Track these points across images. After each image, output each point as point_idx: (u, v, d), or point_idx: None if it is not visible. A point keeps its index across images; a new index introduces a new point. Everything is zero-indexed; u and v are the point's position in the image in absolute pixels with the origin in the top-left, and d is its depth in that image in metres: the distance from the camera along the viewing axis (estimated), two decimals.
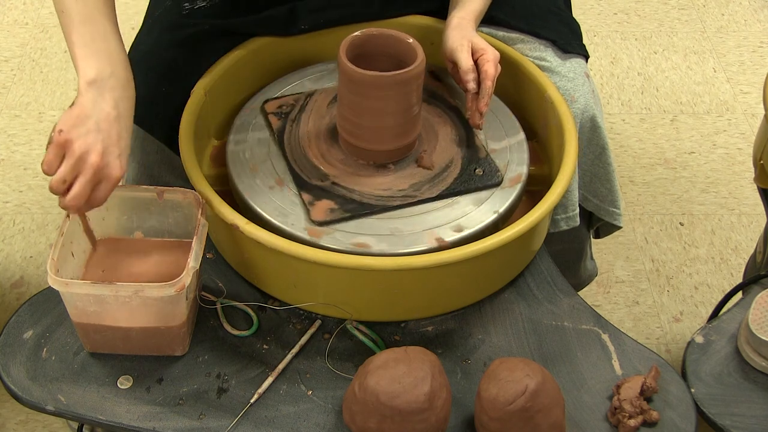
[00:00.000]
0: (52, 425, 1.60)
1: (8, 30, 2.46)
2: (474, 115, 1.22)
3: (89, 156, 1.00)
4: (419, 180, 1.20)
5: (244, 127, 1.27)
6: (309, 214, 1.15)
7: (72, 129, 1.00)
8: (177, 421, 1.08)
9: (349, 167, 1.21)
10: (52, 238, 1.82)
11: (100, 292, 1.05)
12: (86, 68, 1.03)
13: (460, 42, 1.22)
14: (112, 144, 1.01)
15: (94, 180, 1.01)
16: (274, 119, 1.27)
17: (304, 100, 1.29)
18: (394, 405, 1.00)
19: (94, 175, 1.00)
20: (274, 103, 1.29)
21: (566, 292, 1.22)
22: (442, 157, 1.23)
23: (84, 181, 1.00)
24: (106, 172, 1.01)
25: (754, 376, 1.15)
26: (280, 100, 1.30)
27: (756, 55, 2.45)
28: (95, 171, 1.00)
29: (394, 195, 1.18)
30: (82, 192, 1.01)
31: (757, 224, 1.99)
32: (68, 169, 1.00)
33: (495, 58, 1.20)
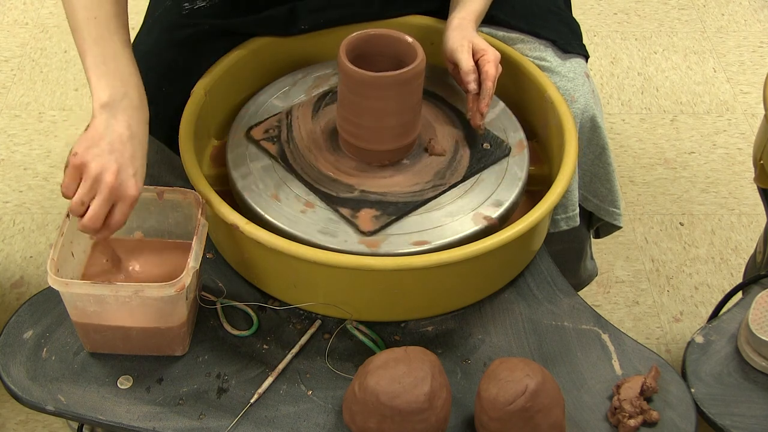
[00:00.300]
0: (52, 425, 1.60)
1: (8, 30, 2.45)
2: (475, 116, 1.22)
3: (104, 176, 1.01)
4: (439, 168, 1.22)
5: (240, 159, 1.22)
6: (357, 227, 1.14)
7: (86, 151, 1.01)
8: (177, 421, 1.08)
9: (366, 172, 1.21)
10: (52, 238, 1.82)
11: (100, 292, 1.05)
12: (99, 91, 1.05)
13: (461, 43, 1.22)
14: (126, 164, 1.02)
15: (110, 199, 1.02)
16: (268, 145, 1.23)
17: (287, 118, 1.27)
18: (394, 405, 1.00)
19: (109, 194, 1.01)
20: (258, 129, 1.25)
21: (566, 292, 1.22)
22: (448, 142, 1.25)
23: (100, 200, 1.01)
24: (121, 191, 1.02)
25: (754, 376, 1.15)
26: (264, 125, 1.26)
27: (756, 55, 2.45)
28: (111, 190, 1.01)
29: (424, 188, 1.19)
30: (99, 212, 1.01)
31: (757, 224, 1.99)
32: (85, 191, 1.01)
33: (496, 59, 1.20)
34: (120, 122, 1.04)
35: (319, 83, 1.34)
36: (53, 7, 2.52)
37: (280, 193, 1.18)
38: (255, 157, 1.22)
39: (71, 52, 2.38)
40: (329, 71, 1.36)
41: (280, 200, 1.17)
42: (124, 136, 1.03)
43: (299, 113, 1.28)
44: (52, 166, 2.06)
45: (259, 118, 1.28)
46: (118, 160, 1.02)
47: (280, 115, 1.27)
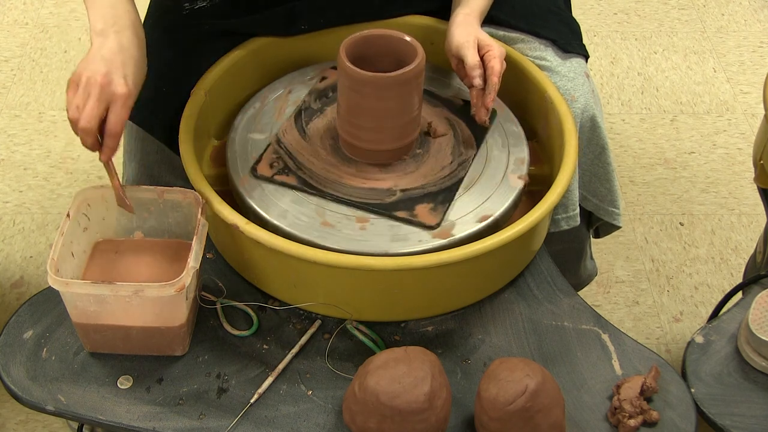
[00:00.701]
0: (52, 425, 1.60)
1: (8, 30, 2.45)
2: (480, 111, 1.22)
3: (94, 78, 1.07)
4: (452, 147, 1.24)
5: (265, 201, 1.17)
6: (422, 224, 1.14)
7: (81, 68, 1.08)
8: (177, 421, 1.08)
9: (392, 172, 1.21)
10: (52, 238, 1.82)
11: (100, 292, 1.05)
12: (94, 22, 1.13)
13: (466, 38, 1.21)
14: (115, 67, 1.08)
15: (101, 98, 1.06)
16: (284, 178, 1.19)
17: (280, 146, 1.22)
18: (394, 405, 1.00)
19: (100, 93, 1.06)
20: (262, 166, 1.20)
21: (566, 292, 1.22)
22: (444, 124, 1.27)
23: (92, 100, 1.06)
24: (111, 89, 1.07)
25: (754, 376, 1.15)
26: (264, 160, 1.21)
27: (756, 55, 2.45)
28: (101, 88, 1.06)
29: (452, 169, 1.22)
30: (92, 111, 1.06)
31: (757, 224, 1.99)
32: (79, 95, 1.07)
33: (501, 55, 1.20)
34: (112, 41, 1.10)
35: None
36: (53, 7, 2.52)
37: (328, 219, 1.15)
38: (279, 194, 1.18)
39: (71, 52, 2.38)
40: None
41: (333, 226, 1.14)
42: (115, 49, 1.09)
43: (289, 137, 1.24)
44: (52, 166, 2.06)
45: (258, 123, 1.27)
46: (108, 66, 1.08)
47: (272, 147, 1.23)
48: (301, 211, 1.16)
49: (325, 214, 1.16)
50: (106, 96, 1.07)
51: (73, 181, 2.03)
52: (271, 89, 1.34)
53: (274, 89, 1.33)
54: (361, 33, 1.18)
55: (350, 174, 1.21)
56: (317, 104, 1.30)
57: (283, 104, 1.30)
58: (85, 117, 1.06)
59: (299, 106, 1.29)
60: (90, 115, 1.06)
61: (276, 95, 1.32)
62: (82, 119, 1.06)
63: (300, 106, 1.29)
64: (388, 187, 1.19)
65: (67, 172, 2.05)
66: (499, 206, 1.18)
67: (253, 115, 1.28)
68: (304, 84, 1.34)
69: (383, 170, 1.21)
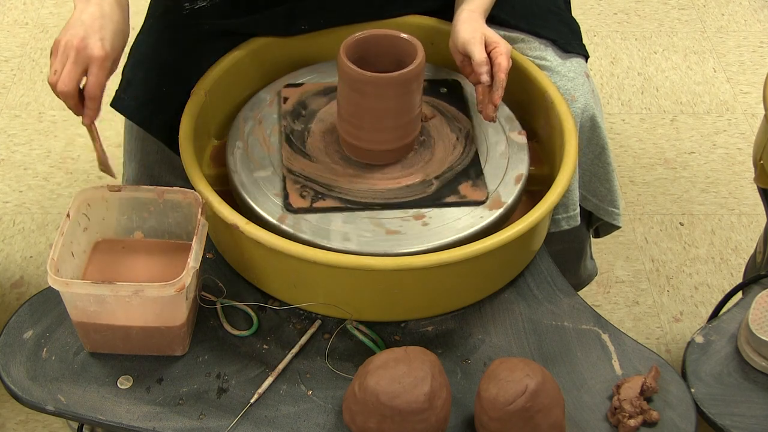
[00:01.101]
0: (52, 425, 1.60)
1: (8, 30, 2.45)
2: (487, 108, 1.21)
3: (71, 42, 1.08)
4: (449, 126, 1.27)
5: (317, 230, 1.14)
6: (475, 202, 1.18)
7: (62, 34, 1.10)
8: (177, 421, 1.08)
9: (414, 165, 1.23)
10: (52, 238, 1.82)
11: (100, 292, 1.05)
12: None
13: (473, 35, 1.21)
14: (92, 31, 1.09)
15: (77, 60, 1.08)
16: (322, 203, 1.16)
17: (296, 176, 1.19)
18: (394, 405, 1.00)
19: (76, 55, 1.08)
20: (294, 199, 1.16)
21: (566, 292, 1.22)
22: (426, 107, 1.29)
23: (69, 63, 1.08)
24: (87, 52, 1.08)
25: (754, 376, 1.15)
26: (293, 193, 1.17)
27: (756, 55, 2.45)
28: (77, 51, 1.08)
29: (464, 146, 1.25)
30: (69, 73, 1.08)
31: (757, 224, 1.99)
32: (58, 59, 1.09)
33: (508, 52, 1.20)
34: (93, 6, 1.11)
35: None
36: (53, 7, 2.52)
37: (388, 227, 1.15)
38: (327, 220, 1.15)
39: None
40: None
41: (398, 231, 1.14)
42: (95, 14, 1.10)
43: (299, 166, 1.21)
44: (52, 166, 2.06)
45: (254, 161, 1.22)
46: (85, 30, 1.09)
47: (290, 178, 1.19)
48: (360, 228, 1.14)
49: (381, 223, 1.15)
50: (82, 59, 1.08)
51: (73, 181, 2.03)
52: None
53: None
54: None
55: (377, 179, 1.20)
56: (299, 125, 1.26)
57: (264, 135, 1.26)
58: (63, 80, 1.08)
59: (283, 131, 1.25)
60: (67, 78, 1.08)
61: (249, 128, 1.26)
62: (59, 83, 1.08)
63: (284, 131, 1.25)
64: (422, 180, 1.20)
65: (67, 172, 2.05)
66: (521, 163, 1.23)
67: (244, 155, 1.23)
68: (268, 109, 1.30)
69: (404, 166, 1.22)
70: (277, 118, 1.28)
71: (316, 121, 1.27)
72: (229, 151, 1.23)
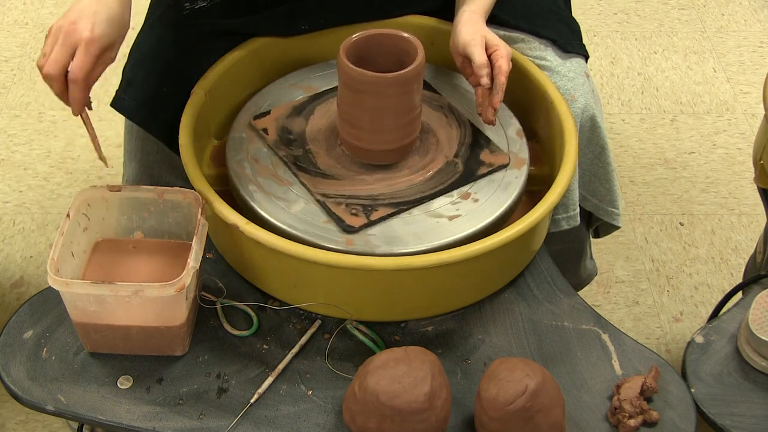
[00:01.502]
0: (52, 425, 1.60)
1: (8, 30, 2.45)
2: (487, 111, 1.21)
3: (63, 26, 1.08)
4: (443, 111, 1.29)
5: (383, 235, 1.14)
6: (502, 166, 1.22)
7: (58, 20, 1.10)
8: (177, 421, 1.08)
9: (429, 154, 1.24)
10: (52, 238, 1.82)
11: (100, 292, 1.05)
12: None
13: (473, 37, 1.21)
14: (85, 16, 1.08)
15: (65, 43, 1.07)
16: (376, 215, 1.15)
17: (332, 197, 1.17)
18: (394, 405, 1.00)
19: (64, 38, 1.07)
20: (347, 219, 1.15)
21: (566, 292, 1.22)
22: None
23: (58, 46, 1.08)
24: (75, 35, 1.07)
25: (754, 376, 1.15)
26: (341, 212, 1.16)
27: (756, 55, 2.45)
28: (65, 35, 1.07)
29: (464, 123, 1.28)
30: (55, 56, 1.07)
31: (757, 224, 1.99)
32: (48, 43, 1.09)
33: (508, 54, 1.20)
34: None
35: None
36: (53, 7, 2.52)
37: (444, 212, 1.17)
38: (390, 228, 1.15)
39: None
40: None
41: (458, 216, 1.17)
42: (93, 1, 1.09)
43: (326, 186, 1.19)
44: (52, 166, 2.06)
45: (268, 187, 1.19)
46: (78, 15, 1.08)
47: (325, 200, 1.17)
48: (424, 225, 1.15)
49: (438, 212, 1.17)
50: (70, 42, 1.08)
51: (73, 181, 2.03)
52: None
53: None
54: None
55: (406, 174, 1.21)
56: (297, 149, 1.23)
57: (270, 172, 1.21)
58: (49, 63, 1.07)
59: (287, 161, 1.22)
60: (53, 60, 1.07)
61: (250, 170, 1.21)
62: (46, 65, 1.08)
63: (288, 161, 1.22)
64: (445, 162, 1.23)
65: (67, 172, 2.05)
66: (511, 119, 1.29)
67: (267, 198, 1.18)
68: (254, 145, 1.24)
69: (421, 155, 1.24)
70: (270, 152, 1.24)
71: (310, 141, 1.25)
72: (248, 197, 1.17)
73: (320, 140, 1.25)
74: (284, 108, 1.29)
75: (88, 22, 1.08)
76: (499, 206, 1.18)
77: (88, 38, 1.07)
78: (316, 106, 1.30)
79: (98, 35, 1.08)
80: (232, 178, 1.19)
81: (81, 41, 1.07)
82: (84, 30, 1.07)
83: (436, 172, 1.22)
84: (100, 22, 1.08)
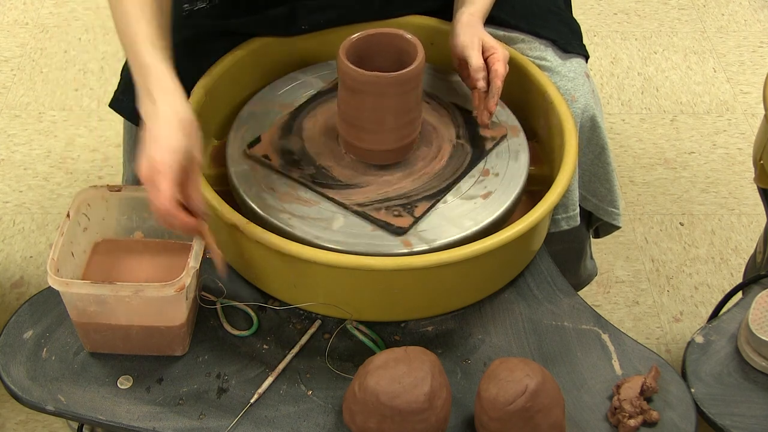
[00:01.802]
0: (52, 425, 1.60)
1: (8, 30, 2.45)
2: (482, 114, 1.22)
3: (140, 172, 0.99)
4: (439, 110, 1.29)
5: (423, 236, 1.14)
6: (504, 136, 1.25)
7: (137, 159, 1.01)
8: (177, 421, 1.08)
9: (433, 143, 1.25)
10: (52, 238, 1.82)
11: (100, 292, 1.05)
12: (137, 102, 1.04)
13: (471, 40, 1.21)
14: (153, 149, 0.99)
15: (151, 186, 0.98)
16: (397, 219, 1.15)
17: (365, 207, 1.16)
18: (394, 405, 1.00)
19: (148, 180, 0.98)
20: (396, 220, 1.15)
21: (566, 292, 1.22)
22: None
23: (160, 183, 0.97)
24: (153, 175, 0.97)
25: (754, 376, 1.15)
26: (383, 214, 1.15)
27: (756, 55, 2.45)
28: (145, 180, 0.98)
29: (462, 116, 1.29)
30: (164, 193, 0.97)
31: (757, 224, 1.99)
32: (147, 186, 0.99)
33: (505, 58, 1.20)
34: (150, 119, 1.01)
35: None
36: (53, 7, 2.52)
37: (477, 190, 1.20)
38: (437, 220, 1.16)
39: (71, 52, 2.38)
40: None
41: (490, 193, 1.19)
42: (151, 132, 1.00)
43: (346, 195, 1.18)
44: (52, 166, 2.06)
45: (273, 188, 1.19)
46: (148, 153, 0.98)
47: (370, 209, 1.16)
48: (464, 209, 1.17)
49: (469, 194, 1.19)
50: (152, 182, 0.98)
51: (73, 181, 2.03)
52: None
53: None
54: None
55: (424, 165, 1.22)
56: (309, 167, 1.21)
57: (295, 195, 1.18)
58: (161, 201, 0.98)
59: (298, 179, 1.19)
60: (155, 209, 0.98)
61: (275, 202, 1.17)
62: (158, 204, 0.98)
63: (307, 181, 1.19)
64: (452, 148, 1.24)
65: (67, 172, 2.05)
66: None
67: (310, 222, 1.15)
68: (262, 173, 1.21)
69: (427, 144, 1.25)
70: (281, 177, 1.20)
71: (315, 156, 1.22)
72: (286, 226, 1.13)
73: (325, 153, 1.23)
74: (272, 131, 1.25)
75: (156, 153, 0.98)
76: (521, 175, 1.22)
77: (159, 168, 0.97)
78: (302, 122, 1.27)
79: (172, 160, 0.98)
80: (260, 211, 1.15)
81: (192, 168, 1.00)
82: (153, 164, 0.98)
83: (449, 157, 1.23)
84: (166, 144, 0.99)
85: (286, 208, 1.16)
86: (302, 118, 1.28)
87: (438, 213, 1.17)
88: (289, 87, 1.34)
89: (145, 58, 1.04)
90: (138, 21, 1.06)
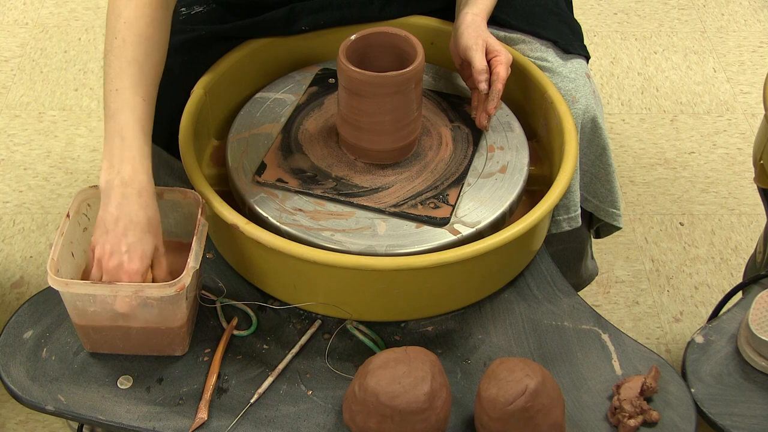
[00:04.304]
0: (52, 425, 1.60)
1: (8, 30, 2.45)
2: (481, 116, 1.22)
3: (103, 261, 1.06)
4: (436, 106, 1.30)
5: (465, 222, 1.15)
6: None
7: (95, 238, 1.07)
8: (177, 421, 1.08)
9: (440, 136, 1.26)
10: (52, 238, 1.82)
11: (100, 292, 1.05)
12: (101, 172, 1.07)
13: (475, 41, 1.21)
14: (117, 243, 1.05)
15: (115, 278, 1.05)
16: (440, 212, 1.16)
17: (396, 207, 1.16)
18: (394, 405, 1.00)
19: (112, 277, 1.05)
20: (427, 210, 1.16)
21: (566, 292, 1.22)
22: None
23: None
24: (120, 271, 1.05)
25: (754, 376, 1.15)
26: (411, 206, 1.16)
27: (756, 55, 2.45)
28: (108, 273, 1.05)
29: (461, 116, 1.30)
30: None
31: (757, 224, 1.99)
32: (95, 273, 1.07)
33: (507, 61, 1.21)
34: (112, 203, 1.05)
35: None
36: (53, 7, 2.52)
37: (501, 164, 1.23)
38: (462, 212, 1.16)
39: (71, 52, 2.38)
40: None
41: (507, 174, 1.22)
42: (114, 216, 1.05)
43: (393, 197, 1.18)
44: (52, 166, 2.06)
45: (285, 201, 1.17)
46: (110, 242, 1.05)
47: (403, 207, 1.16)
48: (485, 197, 1.18)
49: (488, 171, 1.22)
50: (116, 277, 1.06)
51: (73, 181, 2.03)
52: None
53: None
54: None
55: (438, 158, 1.23)
56: (323, 179, 1.20)
57: (317, 209, 1.17)
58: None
59: (323, 195, 1.18)
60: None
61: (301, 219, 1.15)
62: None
63: (325, 195, 1.18)
64: (452, 131, 1.26)
65: (67, 172, 2.05)
66: None
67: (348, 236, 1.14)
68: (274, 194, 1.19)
69: (433, 138, 1.26)
70: (303, 196, 1.18)
71: (328, 168, 1.21)
72: (334, 245, 1.12)
73: (335, 164, 1.22)
74: (272, 153, 1.23)
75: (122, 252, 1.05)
76: (522, 143, 1.26)
77: (133, 271, 1.05)
78: (297, 138, 1.25)
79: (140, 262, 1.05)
80: (303, 236, 1.12)
81: (130, 274, 1.05)
82: (125, 263, 1.04)
83: (454, 142, 1.25)
84: (137, 245, 1.05)
85: (324, 225, 1.14)
86: (295, 134, 1.26)
87: (468, 196, 1.19)
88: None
89: (119, 117, 1.07)
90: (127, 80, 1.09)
